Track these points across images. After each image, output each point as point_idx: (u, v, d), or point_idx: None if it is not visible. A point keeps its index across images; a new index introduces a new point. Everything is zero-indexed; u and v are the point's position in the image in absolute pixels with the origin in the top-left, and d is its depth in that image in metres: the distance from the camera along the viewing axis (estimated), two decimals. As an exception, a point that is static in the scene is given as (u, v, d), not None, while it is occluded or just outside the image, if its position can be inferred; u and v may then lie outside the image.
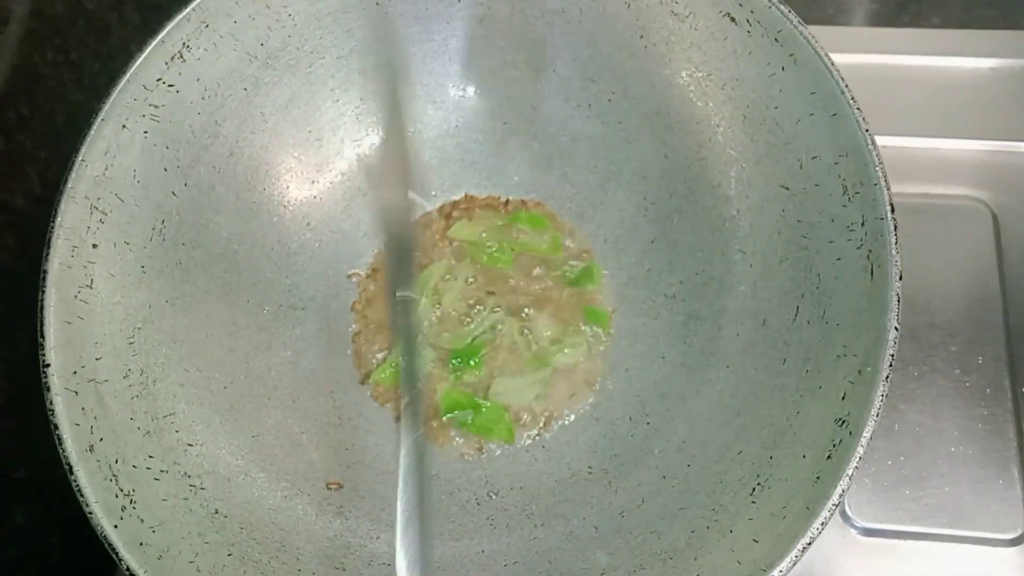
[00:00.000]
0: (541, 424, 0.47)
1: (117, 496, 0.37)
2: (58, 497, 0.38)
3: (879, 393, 0.35)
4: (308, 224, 0.50)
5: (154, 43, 0.42)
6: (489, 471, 0.46)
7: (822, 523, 0.34)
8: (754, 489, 0.38)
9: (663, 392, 0.46)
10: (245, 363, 0.46)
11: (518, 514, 0.44)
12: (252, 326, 0.47)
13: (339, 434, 0.46)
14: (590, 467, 0.45)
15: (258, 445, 0.43)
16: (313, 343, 0.49)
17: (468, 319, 0.49)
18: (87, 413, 0.38)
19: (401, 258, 0.43)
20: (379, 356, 0.49)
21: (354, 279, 0.50)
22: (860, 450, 0.35)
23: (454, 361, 0.48)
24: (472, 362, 0.48)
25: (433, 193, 0.53)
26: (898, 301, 0.36)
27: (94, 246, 0.41)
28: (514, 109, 0.51)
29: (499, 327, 0.49)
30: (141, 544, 0.36)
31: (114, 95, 0.41)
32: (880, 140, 0.39)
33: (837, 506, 0.34)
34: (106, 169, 0.41)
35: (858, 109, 0.39)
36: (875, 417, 0.35)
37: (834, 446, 0.36)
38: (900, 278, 0.37)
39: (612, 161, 0.50)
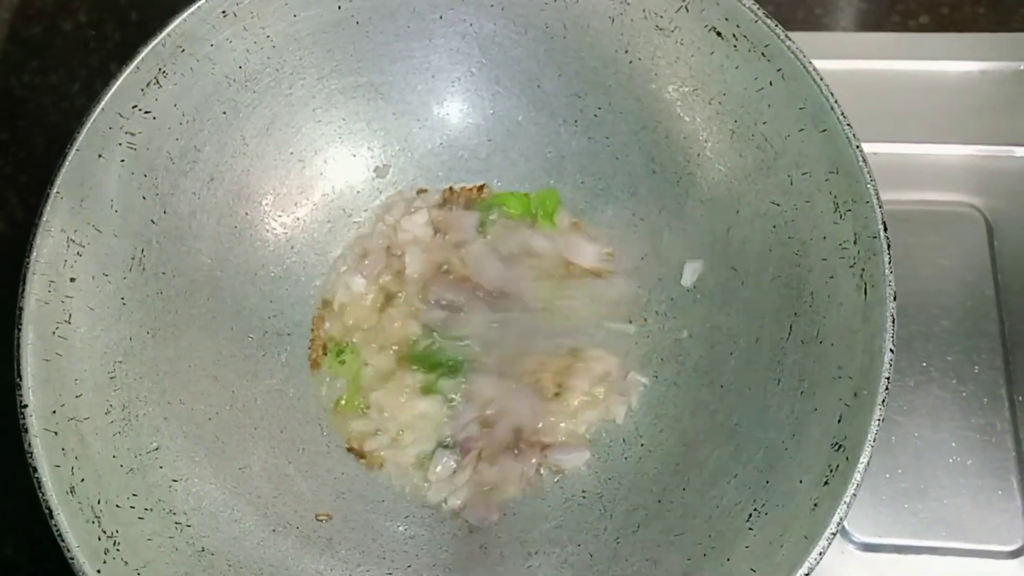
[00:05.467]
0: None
1: (100, 539, 0.36)
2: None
3: (875, 417, 0.35)
4: (292, 248, 0.49)
5: (128, 70, 0.41)
6: (481, 497, 0.45)
7: (820, 552, 0.34)
8: (751, 515, 0.37)
9: (657, 412, 0.45)
10: (230, 393, 0.45)
11: (511, 542, 0.43)
12: (237, 354, 0.46)
13: (328, 462, 0.45)
14: (584, 491, 0.45)
15: (245, 477, 0.43)
16: (300, 369, 0.48)
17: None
18: (67, 453, 0.37)
19: None
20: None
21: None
22: (858, 476, 0.34)
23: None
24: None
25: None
26: (893, 322, 0.36)
27: (72, 280, 0.40)
28: (499, 126, 0.50)
29: None
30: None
31: (88, 124, 0.40)
32: (871, 147, 0.38)
33: (835, 534, 0.34)
34: (82, 200, 0.40)
35: (848, 125, 0.38)
36: (872, 442, 0.34)
37: (831, 471, 0.35)
38: (894, 298, 0.36)
39: (600, 177, 0.50)
